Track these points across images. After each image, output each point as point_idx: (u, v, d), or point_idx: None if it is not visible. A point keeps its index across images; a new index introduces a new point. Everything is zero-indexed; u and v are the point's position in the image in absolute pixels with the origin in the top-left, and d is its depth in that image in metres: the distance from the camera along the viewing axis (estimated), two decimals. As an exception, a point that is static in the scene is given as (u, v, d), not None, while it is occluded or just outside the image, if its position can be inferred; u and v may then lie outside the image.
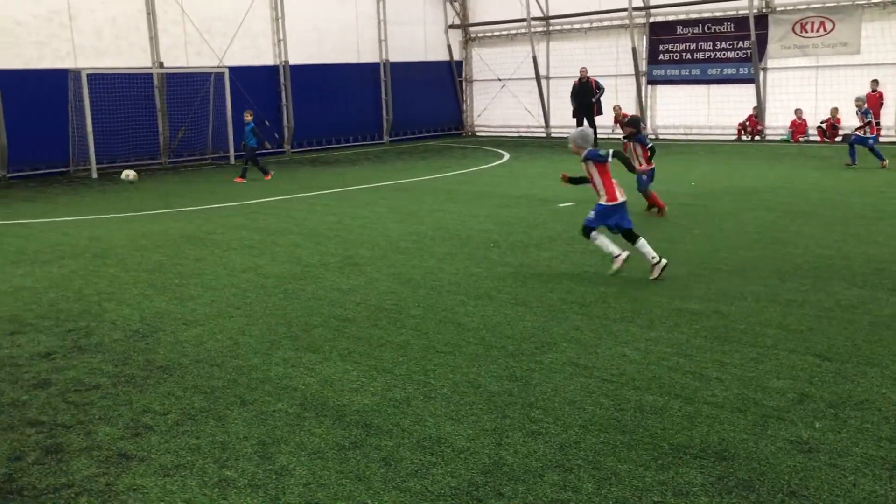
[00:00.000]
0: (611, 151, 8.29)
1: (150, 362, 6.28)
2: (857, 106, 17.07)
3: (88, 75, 19.52)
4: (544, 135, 27.41)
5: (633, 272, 8.45)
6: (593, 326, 6.82)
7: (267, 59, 24.09)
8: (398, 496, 4.13)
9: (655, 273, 8.22)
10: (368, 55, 26.57)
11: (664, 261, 8.29)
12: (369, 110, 26.93)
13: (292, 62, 24.35)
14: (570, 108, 24.11)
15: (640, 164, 11.65)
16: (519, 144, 25.30)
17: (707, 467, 4.31)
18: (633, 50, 24.63)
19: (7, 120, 19.27)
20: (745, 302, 7.38)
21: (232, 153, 22.29)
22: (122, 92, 20.72)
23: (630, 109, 24.88)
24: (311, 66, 24.79)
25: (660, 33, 24.59)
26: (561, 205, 13.25)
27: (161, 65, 21.67)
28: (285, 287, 8.46)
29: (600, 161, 8.28)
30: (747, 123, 23.48)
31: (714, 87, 23.98)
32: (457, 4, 28.94)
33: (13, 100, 19.27)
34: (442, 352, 6.30)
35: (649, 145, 11.93)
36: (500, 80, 28.52)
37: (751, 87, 23.11)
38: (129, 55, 21.18)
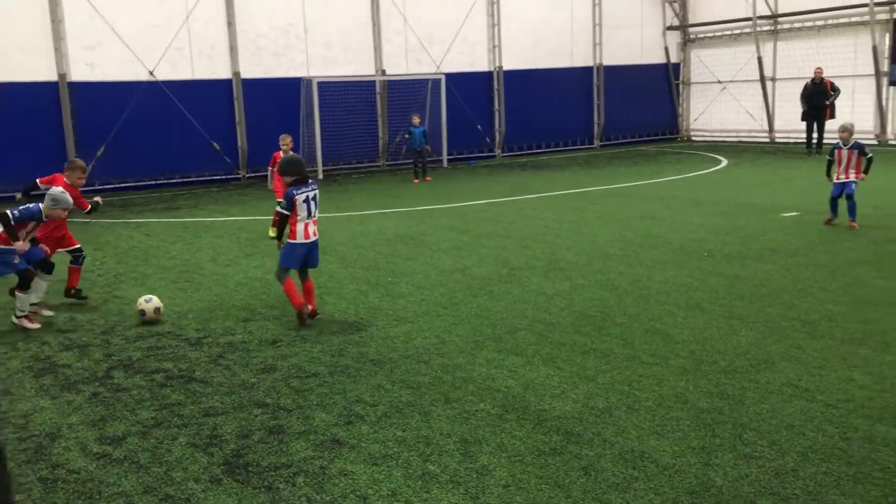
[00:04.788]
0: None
1: (363, 355, 6.61)
2: None
3: (319, 83, 20.97)
4: (767, 139, 25.82)
5: (865, 290, 7.71)
6: (817, 347, 6.31)
7: (482, 65, 24.60)
8: (598, 508, 4.04)
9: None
10: (582, 59, 26.36)
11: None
12: (581, 114, 26.72)
13: (506, 67, 24.71)
14: (797, 111, 22.56)
15: (284, 236, 7.59)
16: (739, 150, 24.01)
17: (949, 513, 3.85)
18: (874, 48, 22.55)
19: (247, 124, 21.11)
20: None
21: (445, 157, 23.01)
22: (347, 98, 22.04)
23: (868, 113, 22.78)
24: (524, 70, 25.01)
25: (906, 29, 22.35)
26: (785, 214, 12.40)
27: (383, 72, 22.81)
28: (491, 289, 8.58)
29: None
30: None
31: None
32: (676, 5, 27.99)
33: (253, 106, 21.07)
34: (647, 363, 6.11)
35: (287, 197, 7.43)
36: (720, 82, 27.23)
37: None
38: (355, 64, 22.48)
